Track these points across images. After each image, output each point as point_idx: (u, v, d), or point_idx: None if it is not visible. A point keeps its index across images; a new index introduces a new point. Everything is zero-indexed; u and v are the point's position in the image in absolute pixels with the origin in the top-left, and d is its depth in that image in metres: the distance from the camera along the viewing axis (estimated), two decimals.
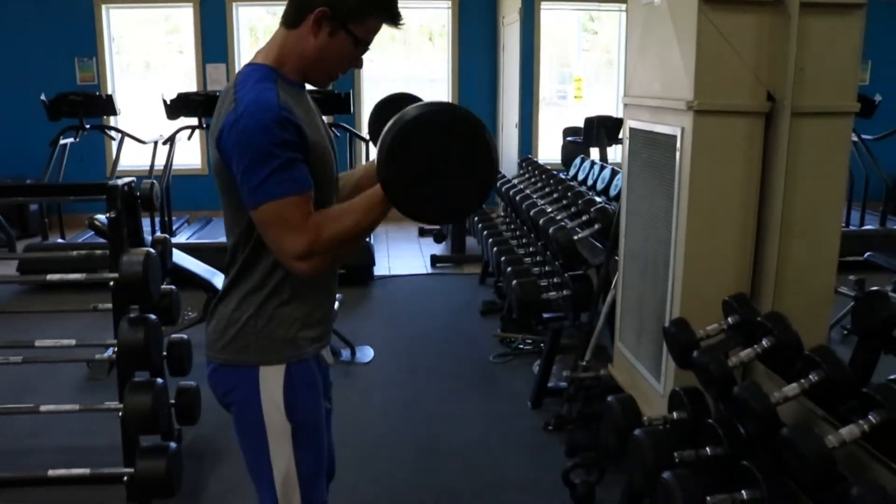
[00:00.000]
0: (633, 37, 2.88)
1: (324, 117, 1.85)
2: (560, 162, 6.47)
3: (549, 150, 8.18)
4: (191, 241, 6.60)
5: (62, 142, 6.41)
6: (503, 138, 8.30)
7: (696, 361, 2.01)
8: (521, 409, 3.77)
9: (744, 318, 2.08)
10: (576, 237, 3.61)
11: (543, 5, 8.15)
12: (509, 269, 3.93)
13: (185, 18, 8.61)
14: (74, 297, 4.01)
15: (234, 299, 1.71)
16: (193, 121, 6.38)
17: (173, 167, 6.77)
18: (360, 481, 3.09)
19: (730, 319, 2.13)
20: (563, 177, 5.51)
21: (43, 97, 6.35)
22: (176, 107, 6.20)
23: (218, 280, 4.36)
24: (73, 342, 3.08)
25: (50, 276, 3.03)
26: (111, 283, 2.86)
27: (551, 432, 3.47)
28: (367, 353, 4.56)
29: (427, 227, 7.76)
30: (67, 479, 2.89)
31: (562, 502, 2.90)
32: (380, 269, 6.59)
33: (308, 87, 1.76)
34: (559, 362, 3.95)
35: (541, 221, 3.93)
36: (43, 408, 3.02)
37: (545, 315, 3.90)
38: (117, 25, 8.72)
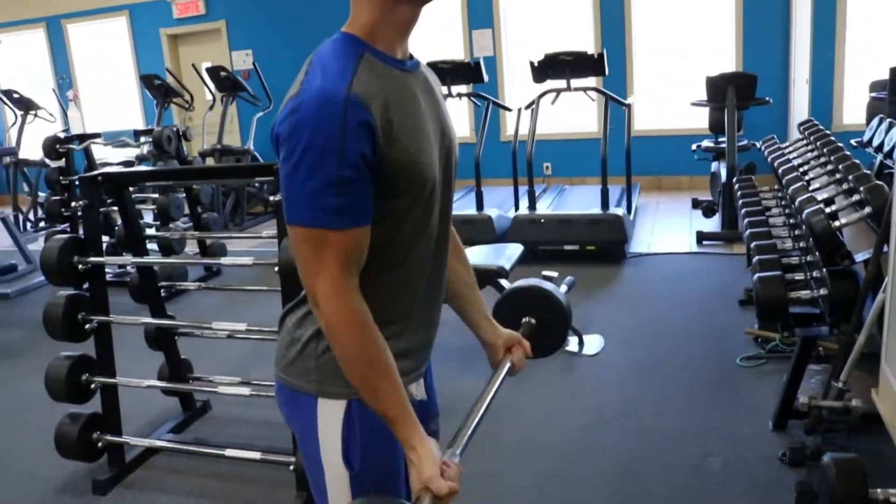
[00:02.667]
0: None
1: (443, 99, 1.45)
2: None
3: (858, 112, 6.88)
4: None
5: None
6: (793, 97, 7.17)
7: None
8: (759, 429, 3.08)
9: None
10: (837, 223, 2.83)
11: None
12: (756, 257, 3.23)
13: None
14: None
15: (299, 313, 1.42)
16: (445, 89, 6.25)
17: None
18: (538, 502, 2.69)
19: None
20: (857, 143, 4.54)
21: None
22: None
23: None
24: None
25: None
26: None
27: (788, 466, 2.77)
28: (595, 344, 4.09)
29: (699, 197, 6.97)
30: (241, 459, 2.93)
31: None
32: (638, 246, 6.01)
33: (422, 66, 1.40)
34: (817, 374, 3.19)
35: (797, 201, 3.16)
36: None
37: (796, 312, 3.14)
38: None
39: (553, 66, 5.84)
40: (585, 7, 8.19)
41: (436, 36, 8.74)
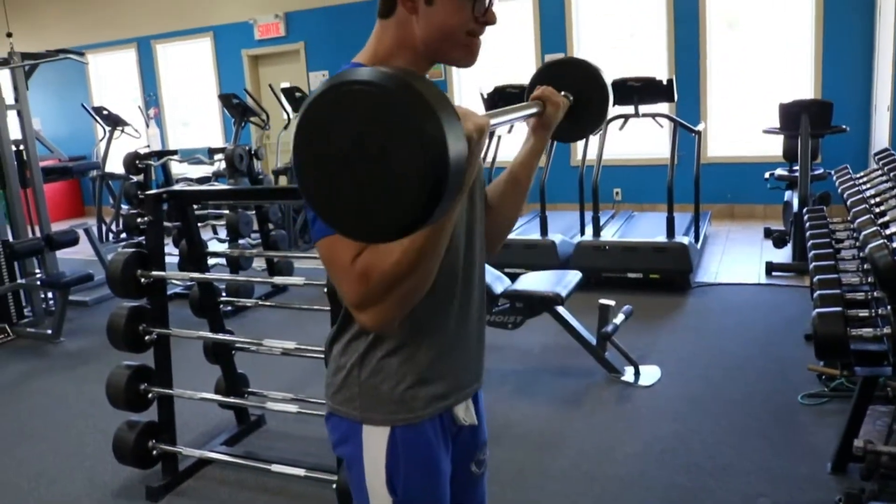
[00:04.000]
0: None
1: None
2: None
3: None
4: (510, 236, 6.51)
5: None
6: (874, 125, 6.92)
7: None
8: (816, 471, 2.96)
9: None
10: None
11: None
12: (817, 292, 3.12)
13: (524, 9, 8.59)
14: None
15: (343, 340, 1.44)
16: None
17: (503, 160, 6.74)
18: None
19: None
20: None
21: None
22: (493, 100, 6.15)
23: (499, 285, 4.14)
24: None
25: None
26: None
27: None
28: (652, 375, 4.01)
29: (772, 226, 6.78)
30: (286, 475, 2.99)
31: None
32: (705, 275, 5.88)
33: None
34: (884, 416, 3.05)
35: (863, 234, 3.05)
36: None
37: (862, 350, 3.01)
38: None
39: (621, 92, 5.80)
40: (659, 32, 8.11)
41: (509, 61, 8.81)
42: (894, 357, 2.72)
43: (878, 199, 3.73)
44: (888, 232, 3.03)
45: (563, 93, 1.65)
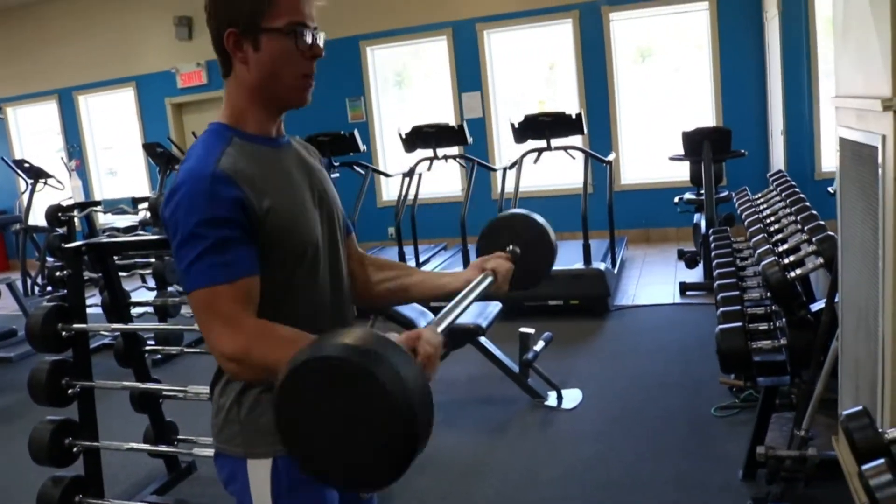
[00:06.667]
0: (836, 16, 2.28)
1: (323, 172, 1.61)
2: None
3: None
4: (435, 271, 6.61)
5: None
6: (772, 148, 7.34)
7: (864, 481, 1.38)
8: (728, 479, 3.13)
9: None
10: (791, 274, 2.93)
11: None
12: (719, 309, 3.32)
13: (439, 50, 8.83)
14: None
15: (221, 382, 1.50)
16: (429, 152, 6.45)
17: (428, 195, 6.95)
18: None
19: None
20: (833, 191, 4.66)
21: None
22: (411, 140, 6.31)
23: (423, 321, 4.23)
24: None
25: None
26: None
27: None
28: (574, 398, 4.15)
29: (685, 248, 7.08)
30: None
31: None
32: (623, 298, 6.10)
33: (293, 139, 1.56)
34: (788, 423, 3.24)
35: (757, 252, 3.27)
36: None
37: (764, 361, 3.21)
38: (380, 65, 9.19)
39: (533, 127, 6.03)
40: (569, 67, 8.44)
41: (428, 99, 9.02)
42: (792, 366, 2.93)
43: (773, 219, 3.99)
44: (781, 249, 3.26)
45: (510, 247, 1.79)
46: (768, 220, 3.99)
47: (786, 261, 3.05)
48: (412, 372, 1.06)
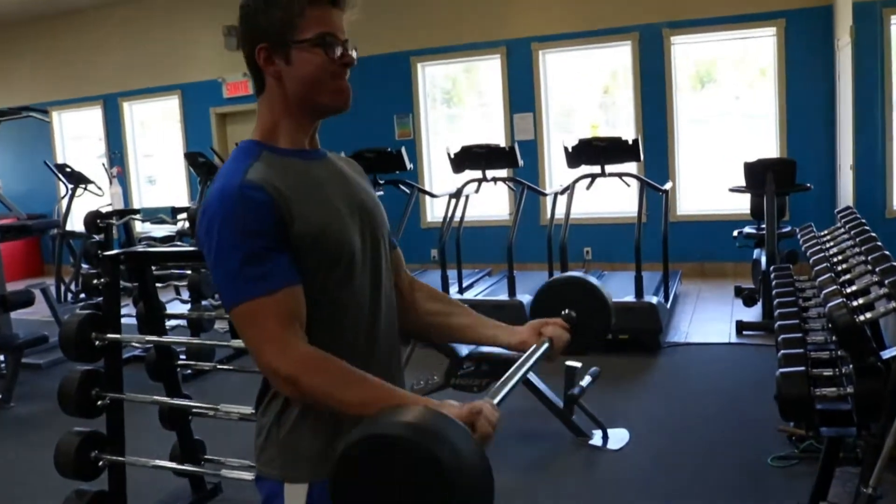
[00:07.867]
0: None
1: (362, 183, 1.59)
2: None
3: None
4: (478, 297, 6.47)
5: None
6: (839, 183, 7.03)
7: None
8: None
9: None
10: (860, 318, 2.70)
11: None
12: (781, 351, 3.10)
13: (492, 68, 8.72)
14: None
15: (264, 401, 1.48)
16: (478, 173, 6.32)
17: (475, 218, 6.88)
18: None
19: None
20: None
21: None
22: (460, 160, 6.19)
23: (464, 351, 4.08)
24: None
25: None
26: None
27: None
28: (620, 438, 3.95)
29: (743, 285, 6.80)
30: None
31: None
32: (675, 335, 5.86)
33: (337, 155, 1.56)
34: (855, 478, 2.99)
35: (823, 293, 3.04)
36: None
37: (828, 410, 2.97)
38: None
39: (587, 152, 5.86)
40: (625, 90, 8.26)
41: (477, 118, 8.91)
42: (859, 417, 2.69)
43: (840, 258, 3.75)
44: (849, 290, 3.02)
45: (565, 311, 1.76)
46: (835, 259, 3.76)
47: (854, 303, 2.83)
48: (471, 451, 1.13)
